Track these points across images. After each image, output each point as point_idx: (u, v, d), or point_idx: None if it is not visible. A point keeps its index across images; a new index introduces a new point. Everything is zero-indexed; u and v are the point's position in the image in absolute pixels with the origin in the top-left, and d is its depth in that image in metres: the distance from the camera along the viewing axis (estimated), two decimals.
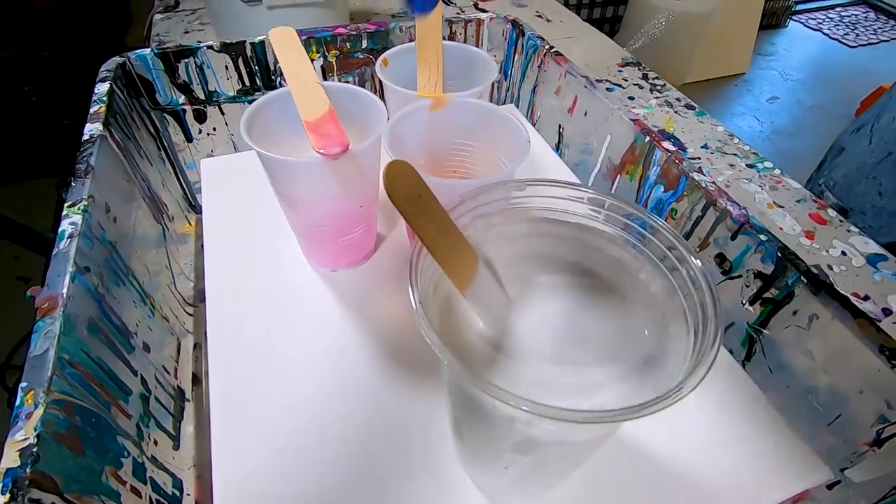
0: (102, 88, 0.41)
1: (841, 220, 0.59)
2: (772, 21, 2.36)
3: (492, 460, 0.22)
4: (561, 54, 0.50)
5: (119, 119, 0.41)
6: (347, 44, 0.51)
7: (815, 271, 0.32)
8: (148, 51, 0.46)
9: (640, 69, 0.81)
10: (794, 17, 2.45)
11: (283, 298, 0.36)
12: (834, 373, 0.31)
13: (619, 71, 0.80)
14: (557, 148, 0.53)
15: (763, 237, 0.34)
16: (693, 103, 0.76)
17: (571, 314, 0.22)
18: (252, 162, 0.47)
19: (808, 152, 1.76)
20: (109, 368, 0.29)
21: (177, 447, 0.35)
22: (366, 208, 0.32)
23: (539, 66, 0.52)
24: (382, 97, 0.33)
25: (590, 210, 0.22)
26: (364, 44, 0.52)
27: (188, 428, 0.37)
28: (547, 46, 0.51)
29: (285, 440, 0.29)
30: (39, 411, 0.23)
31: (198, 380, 0.42)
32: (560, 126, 0.52)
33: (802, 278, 0.32)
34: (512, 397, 0.15)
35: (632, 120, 0.43)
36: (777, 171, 0.66)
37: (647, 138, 0.41)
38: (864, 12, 2.53)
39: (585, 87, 0.47)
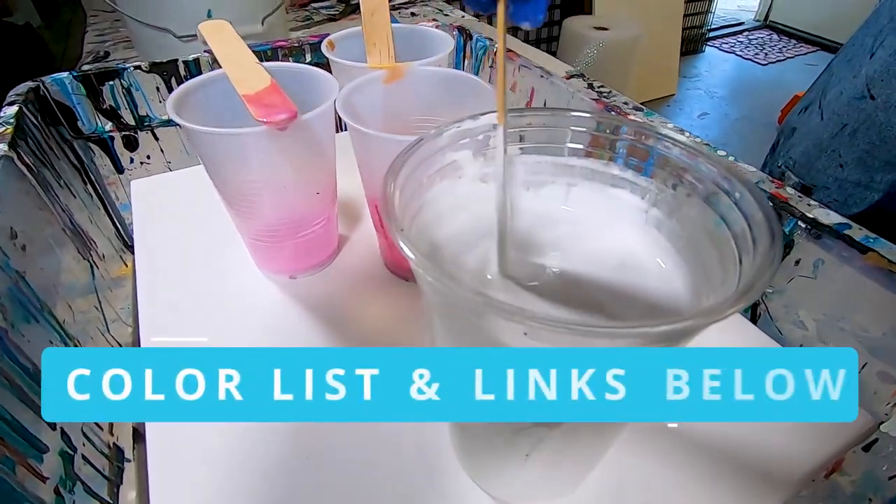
0: (9, 111, 0.36)
1: (801, 196, 0.60)
2: (690, 47, 2.56)
3: (508, 449, 0.18)
4: (511, 50, 0.49)
5: (31, 143, 0.36)
6: (290, 58, 0.49)
7: (811, 215, 0.30)
8: (66, 74, 0.41)
9: (584, 80, 0.83)
10: (709, 43, 2.67)
11: (233, 318, 0.31)
12: (850, 319, 0.29)
13: (566, 83, 0.82)
14: None
15: None
16: (640, 105, 0.78)
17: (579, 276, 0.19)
18: (190, 178, 0.43)
19: (741, 157, 1.88)
20: (13, 418, 0.23)
21: None
22: (324, 196, 0.28)
23: (491, 67, 0.51)
24: None
25: (579, 134, 0.19)
26: (308, 57, 0.50)
27: (129, 494, 0.31)
28: (496, 45, 0.50)
29: (246, 496, 0.24)
30: None
31: (141, 436, 0.35)
32: None
33: (800, 223, 0.30)
34: (548, 319, 0.11)
35: (592, 100, 0.41)
36: (731, 158, 0.67)
37: (613, 114, 0.39)
38: (767, 35, 2.79)
39: (541, 76, 0.46)
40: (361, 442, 0.25)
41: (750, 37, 2.78)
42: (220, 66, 0.28)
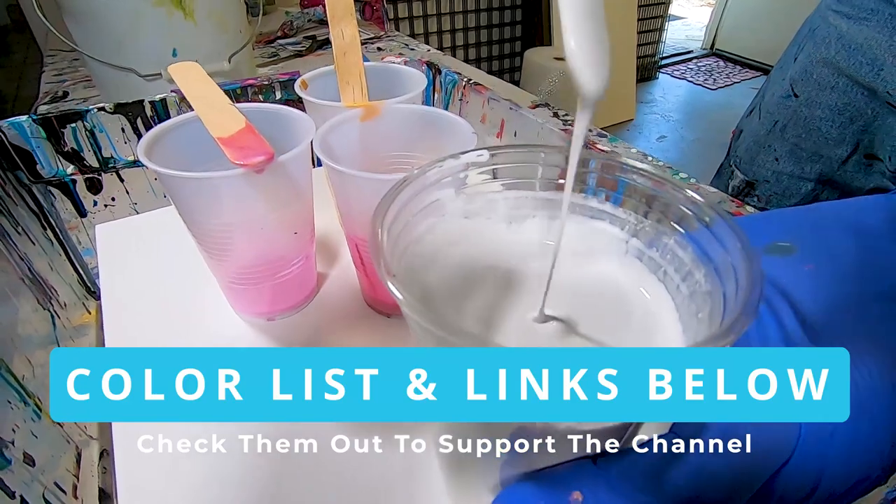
0: None
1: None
2: (644, 75, 2.69)
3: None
4: (480, 84, 0.50)
5: None
6: (260, 96, 0.49)
7: None
8: (25, 117, 0.40)
9: (549, 108, 0.86)
10: (661, 70, 2.81)
11: None
12: None
13: (533, 113, 0.84)
14: None
15: None
16: (604, 132, 0.81)
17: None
18: (159, 219, 0.42)
19: (701, 179, 1.96)
20: None
21: None
22: (302, 235, 0.27)
23: (461, 100, 0.53)
24: None
25: (550, 169, 0.20)
26: (278, 95, 0.50)
27: None
28: (465, 79, 0.52)
29: None
30: None
31: (108, 497, 0.33)
32: None
33: None
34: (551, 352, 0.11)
35: (562, 129, 0.43)
36: (693, 180, 0.70)
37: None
38: (714, 62, 2.97)
39: (510, 108, 0.47)
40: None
41: (699, 64, 2.95)
42: (189, 106, 0.28)
